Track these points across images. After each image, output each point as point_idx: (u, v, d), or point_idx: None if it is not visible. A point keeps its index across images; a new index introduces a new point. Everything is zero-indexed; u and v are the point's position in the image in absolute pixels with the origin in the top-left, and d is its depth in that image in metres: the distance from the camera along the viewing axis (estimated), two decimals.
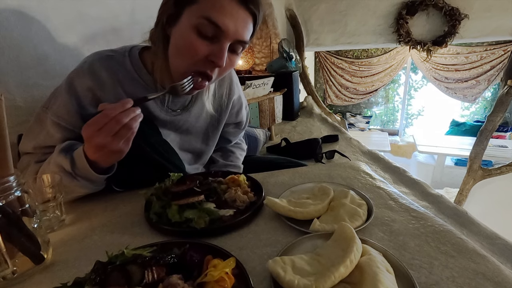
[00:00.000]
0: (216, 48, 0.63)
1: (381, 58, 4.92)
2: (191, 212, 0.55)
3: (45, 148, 0.69)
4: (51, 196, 0.59)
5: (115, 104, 0.54)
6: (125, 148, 0.57)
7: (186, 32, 0.62)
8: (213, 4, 0.59)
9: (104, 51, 0.72)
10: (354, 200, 0.59)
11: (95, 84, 0.67)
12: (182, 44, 0.63)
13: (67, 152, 0.62)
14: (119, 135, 0.54)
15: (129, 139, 0.57)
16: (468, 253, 0.46)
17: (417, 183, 1.40)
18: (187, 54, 0.64)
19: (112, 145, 0.55)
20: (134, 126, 0.55)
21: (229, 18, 0.60)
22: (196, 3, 0.60)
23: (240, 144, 1.11)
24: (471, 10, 2.47)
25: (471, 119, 5.11)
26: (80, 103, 0.67)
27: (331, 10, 2.92)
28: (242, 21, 0.62)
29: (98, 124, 0.53)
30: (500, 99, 2.48)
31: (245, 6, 0.61)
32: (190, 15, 0.61)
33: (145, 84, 0.72)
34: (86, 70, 0.67)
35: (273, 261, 0.41)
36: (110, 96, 0.69)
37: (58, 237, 0.56)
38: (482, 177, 2.71)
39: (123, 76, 0.70)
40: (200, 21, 0.60)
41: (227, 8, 0.60)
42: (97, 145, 0.55)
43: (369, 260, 0.39)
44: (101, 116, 0.53)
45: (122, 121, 0.53)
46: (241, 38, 0.64)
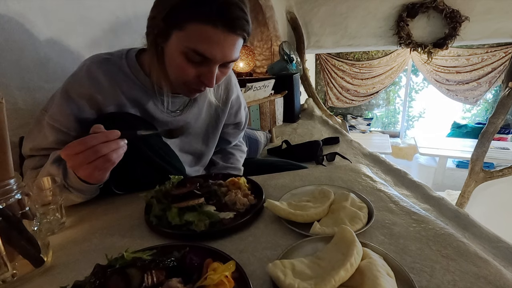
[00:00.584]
0: (205, 70, 0.64)
1: (382, 60, 4.92)
2: (191, 215, 0.55)
3: (41, 150, 0.69)
4: (51, 199, 0.59)
5: (99, 134, 0.53)
6: (100, 176, 0.57)
7: (175, 55, 0.62)
8: (200, 35, 0.58)
9: (101, 54, 0.72)
10: (354, 203, 0.58)
11: (92, 87, 0.67)
12: (173, 65, 0.64)
13: (59, 163, 0.62)
14: (94, 165, 0.53)
15: (106, 169, 0.56)
16: (469, 256, 0.45)
17: (418, 186, 1.40)
18: (178, 75, 0.65)
19: (86, 171, 0.55)
20: (114, 158, 0.54)
21: (216, 48, 0.60)
22: (183, 31, 0.59)
23: (240, 146, 1.11)
24: (472, 13, 2.47)
25: (473, 121, 5.09)
26: (77, 106, 0.67)
27: (332, 12, 2.92)
28: (230, 45, 0.62)
29: (76, 149, 0.52)
30: (502, 101, 2.48)
31: (232, 32, 0.60)
32: (178, 42, 0.60)
33: (142, 86, 0.73)
34: (84, 73, 0.68)
35: (273, 264, 0.40)
36: (109, 98, 0.69)
37: (58, 240, 0.56)
38: (484, 179, 2.70)
39: (121, 78, 0.70)
40: (188, 51, 0.60)
41: (213, 38, 0.59)
42: (73, 166, 0.55)
43: (369, 264, 0.39)
44: (79, 142, 0.52)
45: (101, 152, 0.52)
46: (230, 60, 0.64)
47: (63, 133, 0.67)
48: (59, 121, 0.66)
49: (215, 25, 0.57)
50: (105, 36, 1.13)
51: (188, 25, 0.58)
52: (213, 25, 0.57)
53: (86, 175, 0.57)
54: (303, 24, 2.97)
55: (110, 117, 0.69)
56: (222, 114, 0.92)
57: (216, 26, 0.57)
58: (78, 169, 0.55)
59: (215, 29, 0.58)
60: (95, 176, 0.57)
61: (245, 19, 0.60)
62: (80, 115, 0.67)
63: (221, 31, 0.58)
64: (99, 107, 0.69)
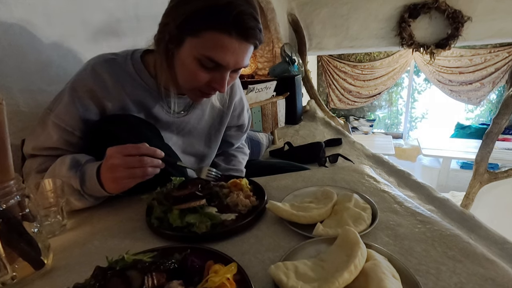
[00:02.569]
0: (217, 76, 0.65)
1: (384, 62, 4.91)
2: (192, 216, 0.54)
3: (44, 149, 0.69)
4: (53, 201, 0.59)
5: (151, 147, 0.58)
6: (126, 184, 0.58)
7: (188, 61, 0.63)
8: (215, 43, 0.60)
9: (107, 54, 0.72)
10: (358, 204, 0.58)
11: (97, 86, 0.68)
12: (185, 70, 0.65)
13: (76, 169, 0.62)
14: (132, 172, 0.56)
15: (135, 181, 0.58)
16: (476, 258, 0.44)
17: (422, 187, 1.38)
18: (189, 80, 0.66)
19: (119, 174, 0.56)
20: (149, 173, 0.57)
21: (230, 55, 0.61)
22: (198, 38, 0.60)
23: (243, 148, 1.11)
24: (474, 13, 2.46)
25: (476, 121, 5.05)
26: (82, 105, 0.67)
27: (333, 14, 2.92)
28: (243, 53, 0.64)
29: (126, 151, 0.56)
30: (505, 101, 2.45)
31: (245, 41, 0.62)
32: (192, 48, 0.62)
33: (147, 87, 0.73)
34: (89, 72, 0.68)
35: (276, 266, 0.40)
36: (113, 98, 0.69)
37: (59, 242, 0.55)
38: (489, 180, 2.67)
39: (125, 78, 0.71)
40: (202, 58, 0.61)
41: (228, 47, 0.60)
42: (110, 165, 0.57)
43: (374, 266, 0.38)
44: (134, 147, 0.57)
45: (144, 162, 0.56)
46: (241, 66, 0.66)
47: (67, 133, 0.67)
48: (65, 120, 0.67)
49: (230, 34, 0.59)
50: (107, 38, 1.14)
51: (203, 33, 0.59)
52: (228, 34, 0.59)
53: (115, 179, 0.57)
54: (305, 26, 2.98)
55: (113, 119, 0.69)
56: (225, 116, 0.92)
57: (231, 35, 0.59)
58: (115, 171, 0.56)
59: (230, 38, 0.60)
60: (122, 183, 0.58)
61: (258, 28, 0.62)
62: (85, 115, 0.68)
63: (235, 40, 0.60)
64: (103, 106, 0.69)
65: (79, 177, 0.61)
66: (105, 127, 0.68)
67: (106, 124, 0.68)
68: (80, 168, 0.62)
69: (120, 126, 0.68)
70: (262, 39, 0.65)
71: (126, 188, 0.59)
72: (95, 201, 0.67)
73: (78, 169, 0.62)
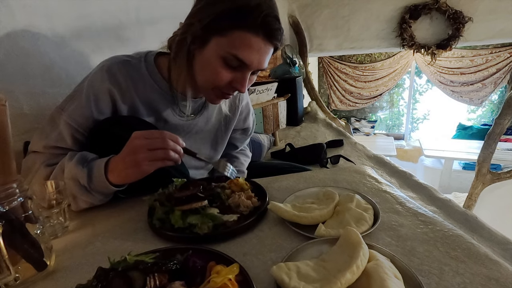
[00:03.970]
0: (239, 76, 0.67)
1: (384, 63, 4.91)
2: (194, 217, 0.54)
3: (55, 148, 0.69)
4: (55, 202, 0.59)
5: (173, 135, 0.59)
6: (146, 168, 0.58)
7: (212, 60, 0.65)
8: (242, 42, 0.62)
9: (121, 56, 0.73)
10: (360, 204, 0.58)
11: (113, 86, 0.68)
12: (208, 69, 0.67)
13: (83, 165, 0.62)
14: (154, 154, 0.57)
15: (155, 164, 0.58)
16: (479, 258, 0.44)
17: (424, 188, 1.38)
18: (211, 79, 0.67)
19: (141, 155, 0.56)
20: (170, 157, 0.57)
21: (255, 55, 0.64)
22: (225, 37, 0.62)
23: (245, 150, 1.12)
24: (475, 13, 2.45)
25: (478, 122, 5.03)
26: (97, 106, 0.68)
27: (334, 15, 2.93)
28: (265, 53, 0.66)
29: (150, 135, 0.57)
30: (508, 102, 2.44)
31: (270, 42, 0.64)
32: (218, 47, 0.63)
33: (159, 89, 0.74)
34: (105, 73, 0.69)
35: (278, 267, 0.40)
36: (125, 98, 0.70)
37: (62, 244, 0.56)
38: (491, 181, 2.66)
39: (138, 80, 0.71)
40: (228, 56, 0.63)
41: (254, 46, 0.63)
42: (132, 147, 0.57)
43: (376, 266, 0.38)
44: (157, 132, 0.58)
45: (167, 144, 0.57)
46: (262, 67, 0.68)
47: (79, 133, 0.68)
48: (78, 121, 0.67)
49: (258, 34, 0.61)
50: (109, 40, 1.15)
51: (231, 32, 0.61)
52: (256, 34, 0.61)
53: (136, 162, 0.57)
54: (306, 27, 2.98)
55: (114, 120, 0.69)
56: (231, 119, 0.93)
57: (258, 35, 0.62)
58: (138, 151, 0.57)
59: (257, 38, 0.62)
60: (143, 166, 0.57)
61: (282, 30, 0.65)
62: (98, 116, 0.68)
63: (261, 40, 0.63)
64: (116, 107, 0.70)
65: (87, 173, 0.61)
66: (106, 127, 0.68)
67: (107, 125, 0.68)
68: (87, 164, 0.63)
69: (120, 127, 0.68)
70: (283, 41, 0.67)
71: (145, 172, 0.59)
72: (102, 199, 0.67)
73: (85, 165, 0.63)
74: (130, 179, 0.61)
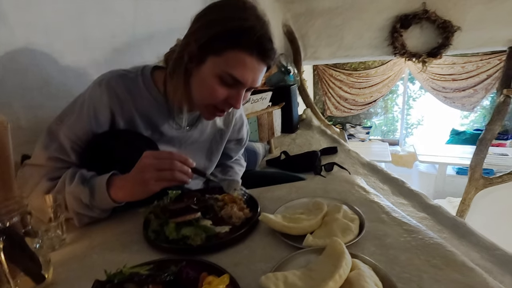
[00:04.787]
0: (234, 93, 0.70)
1: (378, 70, 4.99)
2: (188, 229, 0.57)
3: (56, 160, 0.70)
4: (53, 216, 0.61)
5: (183, 155, 0.61)
6: (153, 187, 0.60)
7: (208, 78, 0.67)
8: (237, 61, 0.65)
9: (118, 70, 0.76)
10: (346, 215, 0.60)
11: (112, 100, 0.71)
12: (204, 87, 0.69)
13: (83, 184, 0.65)
14: (161, 174, 0.59)
15: (161, 184, 0.60)
16: (456, 265, 0.47)
17: (415, 194, 1.41)
18: (208, 96, 0.70)
19: (149, 174, 0.59)
20: (177, 177, 0.59)
21: (249, 73, 0.67)
22: (221, 56, 0.65)
23: (239, 160, 1.14)
24: (464, 23, 2.52)
25: (471, 127, 5.11)
26: (97, 120, 0.70)
27: (327, 25, 2.98)
28: (259, 72, 0.69)
29: (159, 155, 0.61)
30: (497, 108, 2.51)
31: (263, 61, 0.68)
32: (214, 66, 0.66)
33: (156, 103, 0.76)
34: (104, 86, 0.71)
35: (266, 277, 0.42)
36: (123, 111, 0.73)
37: (59, 256, 0.57)
38: (484, 186, 2.70)
39: (136, 94, 0.74)
40: (223, 74, 0.66)
41: (248, 65, 0.66)
42: (141, 166, 0.60)
43: (358, 275, 0.41)
44: (166, 153, 0.61)
45: (174, 165, 0.59)
46: (256, 85, 0.71)
47: (77, 146, 0.70)
48: (77, 134, 0.69)
49: (252, 53, 0.64)
50: (105, 55, 1.17)
51: (227, 52, 0.64)
52: (250, 54, 0.64)
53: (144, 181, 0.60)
54: (300, 36, 3.03)
55: (111, 134, 0.72)
56: (225, 132, 0.95)
57: (252, 55, 0.65)
58: (146, 171, 0.59)
59: (251, 57, 0.65)
60: (150, 185, 0.60)
61: (275, 51, 0.68)
62: (97, 129, 0.71)
63: (255, 59, 0.66)
64: (114, 121, 0.73)
65: (89, 190, 0.64)
66: (102, 141, 0.70)
67: (104, 139, 0.71)
68: (87, 182, 0.65)
69: (117, 141, 0.70)
70: (276, 61, 0.71)
71: (151, 191, 0.61)
72: (103, 214, 0.69)
73: (85, 183, 0.65)
74: (136, 197, 0.63)
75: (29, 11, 0.90)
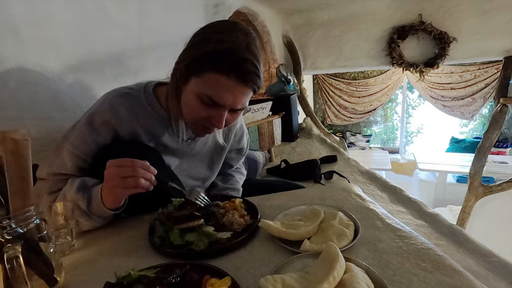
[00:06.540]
0: (215, 113, 0.71)
1: (377, 79, 5.07)
2: (191, 235, 0.60)
3: (58, 175, 0.75)
4: (63, 222, 0.64)
5: (144, 161, 0.62)
6: (120, 194, 0.64)
7: (191, 96, 0.70)
8: (214, 83, 0.66)
9: (122, 88, 0.80)
10: (342, 221, 0.63)
11: (114, 119, 0.75)
12: (188, 105, 0.72)
13: (84, 191, 0.68)
14: (125, 182, 0.60)
15: (127, 191, 0.63)
16: (445, 269, 0.49)
17: (413, 202, 1.43)
18: (191, 114, 0.73)
19: (113, 182, 0.62)
20: (141, 184, 0.60)
21: (227, 95, 0.68)
22: (201, 77, 0.67)
23: (240, 168, 1.17)
24: (459, 34, 2.58)
25: (471, 135, 5.15)
26: (98, 134, 0.74)
27: (326, 36, 3.06)
28: (241, 94, 0.69)
29: (122, 163, 0.61)
30: (494, 116, 2.54)
31: (244, 84, 0.68)
32: (195, 86, 0.69)
33: (159, 118, 0.80)
34: (107, 106, 0.75)
35: (265, 279, 0.45)
36: (126, 128, 0.76)
37: (69, 261, 0.60)
38: (484, 194, 2.71)
39: (139, 110, 0.78)
40: (202, 95, 0.68)
41: (226, 87, 0.66)
42: (106, 176, 0.62)
43: (350, 277, 0.43)
44: (128, 160, 0.61)
45: (136, 172, 0.60)
46: (237, 107, 0.71)
47: (81, 160, 0.74)
48: (80, 148, 0.73)
49: (228, 76, 0.65)
50: (111, 68, 1.22)
51: (206, 73, 0.66)
52: (227, 76, 0.65)
53: (110, 190, 0.63)
54: (299, 47, 3.11)
55: (118, 145, 0.75)
56: (227, 141, 0.99)
57: (229, 77, 0.65)
58: (110, 180, 0.62)
59: (228, 80, 0.66)
60: (116, 193, 0.63)
61: (257, 74, 0.68)
62: (99, 143, 0.74)
63: (233, 82, 0.66)
64: (117, 135, 0.76)
65: (86, 198, 0.67)
66: (109, 152, 0.74)
67: (111, 150, 0.75)
68: (87, 190, 0.68)
69: (123, 152, 0.74)
70: (259, 84, 0.71)
71: (120, 198, 0.65)
72: (102, 222, 0.72)
73: (85, 191, 0.68)
74: (112, 204, 0.66)
75: (40, 27, 0.95)
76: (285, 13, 2.92)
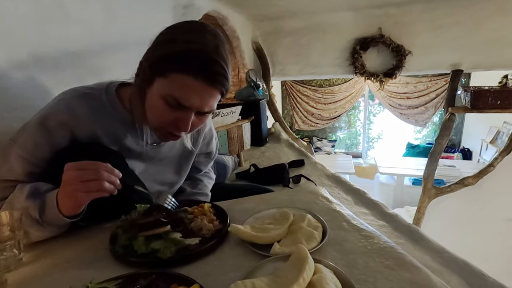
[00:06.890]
0: (181, 116, 0.67)
1: (342, 87, 5.33)
2: (157, 243, 0.57)
3: (4, 181, 0.67)
4: (9, 234, 0.58)
5: (108, 164, 0.58)
6: (82, 199, 0.58)
7: (155, 99, 0.66)
8: (180, 85, 0.63)
9: (81, 88, 0.73)
10: (311, 223, 0.64)
11: (72, 120, 0.68)
12: (152, 108, 0.68)
13: (35, 198, 0.61)
14: (87, 185, 0.56)
15: (90, 195, 0.57)
16: (405, 265, 0.52)
17: (375, 204, 1.51)
18: (156, 117, 0.69)
19: (74, 186, 0.56)
20: (105, 187, 0.56)
21: (194, 97, 0.65)
22: (166, 78, 0.64)
23: (209, 173, 1.15)
24: (414, 47, 2.81)
25: (424, 141, 5.60)
26: (52, 137, 0.67)
27: (295, 44, 3.15)
28: (208, 96, 0.67)
29: (83, 166, 0.57)
30: (444, 124, 2.79)
31: (211, 86, 0.65)
32: (160, 87, 0.65)
33: (121, 120, 0.74)
34: (63, 106, 0.68)
35: (235, 285, 0.44)
36: (85, 130, 0.70)
37: (16, 277, 0.54)
38: (436, 195, 2.95)
39: (100, 111, 0.72)
40: (167, 97, 0.65)
41: (192, 88, 0.63)
42: (65, 179, 0.57)
43: (320, 278, 0.44)
44: (90, 162, 0.57)
45: (100, 175, 0.56)
46: (205, 110, 0.68)
47: (32, 165, 0.66)
48: (31, 152, 0.66)
49: (196, 77, 0.62)
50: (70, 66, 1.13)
51: (171, 74, 0.63)
52: (194, 77, 0.62)
53: (70, 194, 0.57)
54: (268, 53, 3.16)
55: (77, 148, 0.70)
56: (195, 145, 0.96)
57: (196, 79, 0.62)
58: (70, 183, 0.56)
59: (195, 81, 0.63)
60: (77, 198, 0.57)
61: (225, 76, 0.66)
62: (54, 147, 0.67)
63: (200, 83, 0.63)
64: (76, 137, 0.70)
65: (38, 205, 0.60)
66: (67, 155, 0.68)
67: (69, 153, 0.69)
68: (39, 196, 0.62)
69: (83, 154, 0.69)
70: (227, 87, 0.68)
71: (80, 204, 0.59)
72: (57, 231, 0.65)
73: (38, 197, 0.61)
74: (71, 211, 0.60)
75: None
76: (255, 19, 2.96)
